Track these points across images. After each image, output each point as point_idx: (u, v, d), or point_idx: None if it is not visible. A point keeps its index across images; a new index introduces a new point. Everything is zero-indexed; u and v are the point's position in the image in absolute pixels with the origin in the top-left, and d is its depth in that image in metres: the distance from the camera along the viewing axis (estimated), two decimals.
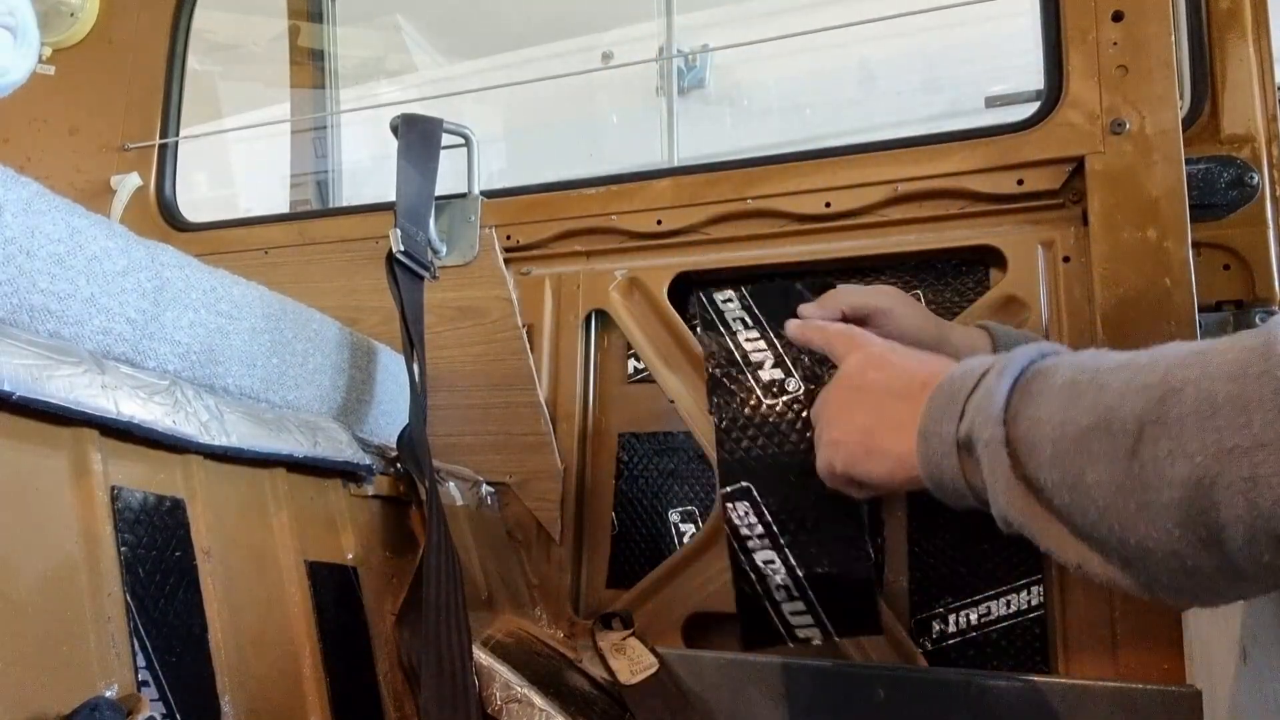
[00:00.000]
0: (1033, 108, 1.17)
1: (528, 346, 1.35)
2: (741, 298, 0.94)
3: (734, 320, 0.92)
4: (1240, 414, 0.44)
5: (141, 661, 0.66)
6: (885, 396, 0.67)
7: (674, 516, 1.33)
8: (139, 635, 0.67)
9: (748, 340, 0.91)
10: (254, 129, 2.43)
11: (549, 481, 1.32)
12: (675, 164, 2.45)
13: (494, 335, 1.36)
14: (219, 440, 0.79)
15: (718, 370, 0.92)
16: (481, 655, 1.00)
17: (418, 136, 1.28)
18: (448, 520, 1.02)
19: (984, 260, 1.21)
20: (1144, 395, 0.49)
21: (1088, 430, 0.50)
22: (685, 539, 1.31)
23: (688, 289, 1.36)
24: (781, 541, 0.84)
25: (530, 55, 2.77)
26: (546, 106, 2.85)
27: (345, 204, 2.15)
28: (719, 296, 0.95)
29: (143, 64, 1.71)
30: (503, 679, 0.99)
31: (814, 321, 0.83)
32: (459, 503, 1.21)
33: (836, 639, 0.87)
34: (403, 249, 1.16)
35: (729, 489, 0.86)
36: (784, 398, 0.87)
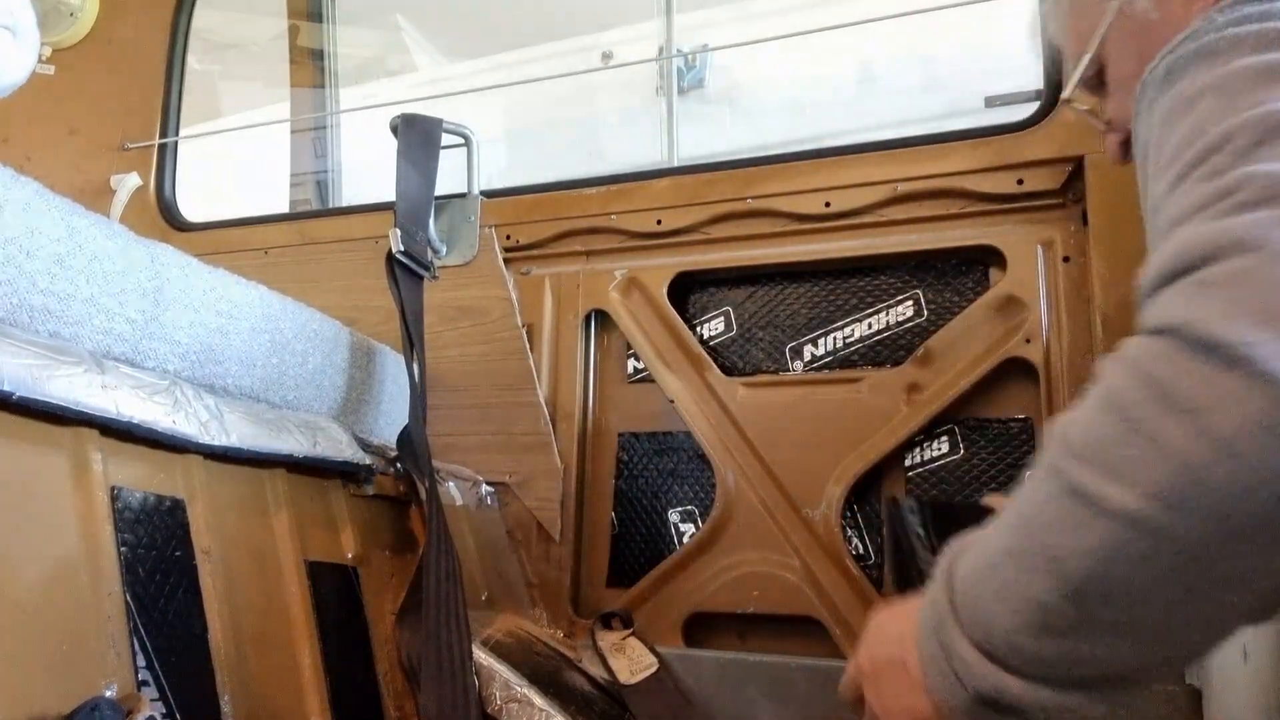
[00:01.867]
0: (1033, 108, 1.17)
1: (528, 346, 1.35)
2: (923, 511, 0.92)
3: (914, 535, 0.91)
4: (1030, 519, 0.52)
5: (141, 661, 0.66)
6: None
7: (674, 516, 1.33)
8: (139, 635, 0.67)
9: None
10: (254, 129, 2.43)
11: (549, 481, 1.32)
12: (675, 164, 2.45)
13: (494, 335, 1.36)
14: (219, 440, 0.79)
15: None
16: (481, 655, 1.00)
17: (417, 136, 1.28)
18: (447, 520, 1.02)
19: (984, 260, 1.21)
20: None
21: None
22: (685, 539, 1.31)
23: (687, 288, 1.36)
24: None
25: (530, 55, 2.77)
26: (546, 106, 2.85)
27: (345, 204, 2.15)
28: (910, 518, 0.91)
29: (143, 64, 1.70)
30: (503, 679, 0.99)
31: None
32: (459, 502, 1.21)
33: None
34: (402, 249, 1.16)
35: None
36: None
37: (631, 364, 1.37)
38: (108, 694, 0.62)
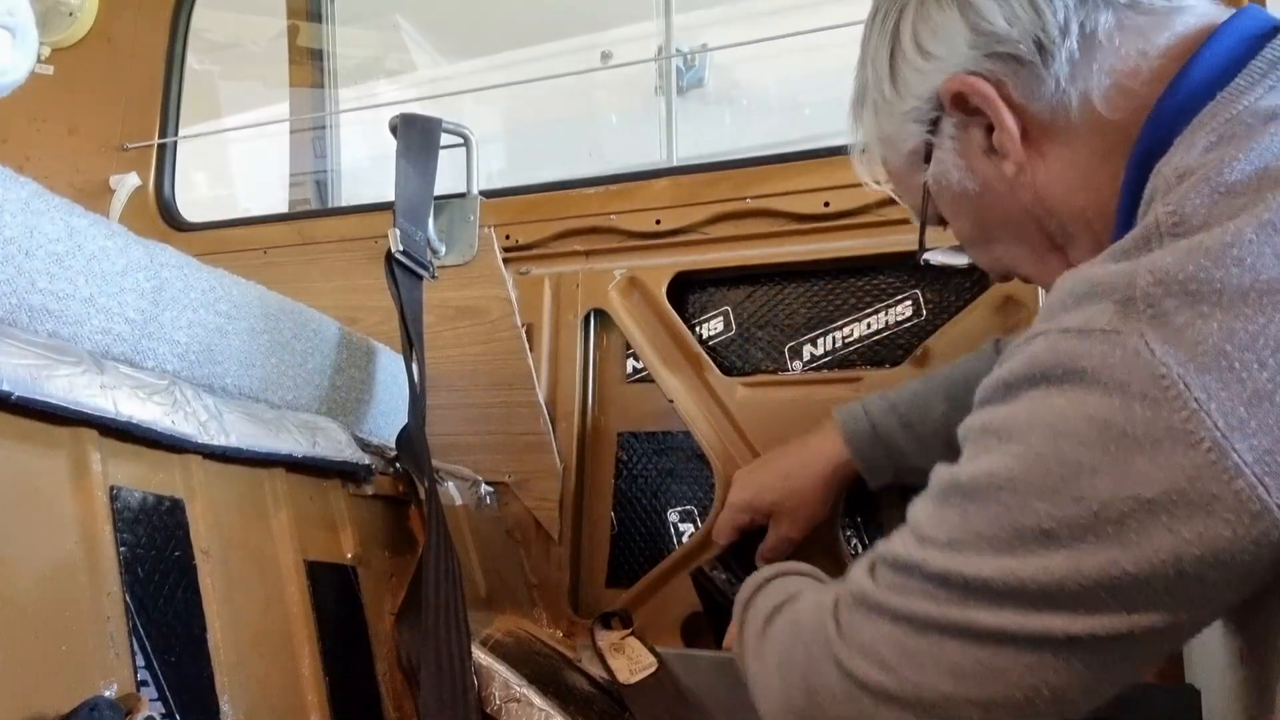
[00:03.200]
0: None
1: (527, 346, 1.35)
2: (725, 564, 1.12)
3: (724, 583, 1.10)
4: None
5: (141, 661, 0.66)
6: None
7: (673, 516, 1.33)
8: (138, 635, 0.67)
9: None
10: (253, 129, 2.42)
11: (548, 481, 1.32)
12: (674, 164, 2.45)
13: (493, 335, 1.36)
14: (218, 440, 0.79)
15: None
16: (481, 655, 1.00)
17: (417, 136, 1.28)
18: (447, 520, 1.02)
19: None
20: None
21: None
22: (684, 538, 1.31)
23: (686, 288, 1.36)
24: None
25: (530, 55, 2.77)
26: (546, 106, 2.84)
27: (344, 204, 2.15)
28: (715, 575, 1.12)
29: (142, 63, 1.70)
30: (502, 678, 0.99)
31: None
32: (458, 502, 1.21)
33: None
34: (402, 249, 1.16)
35: None
36: None
37: (630, 364, 1.37)
38: (107, 694, 0.62)
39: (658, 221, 1.32)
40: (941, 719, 0.57)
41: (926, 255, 0.83)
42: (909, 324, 1.24)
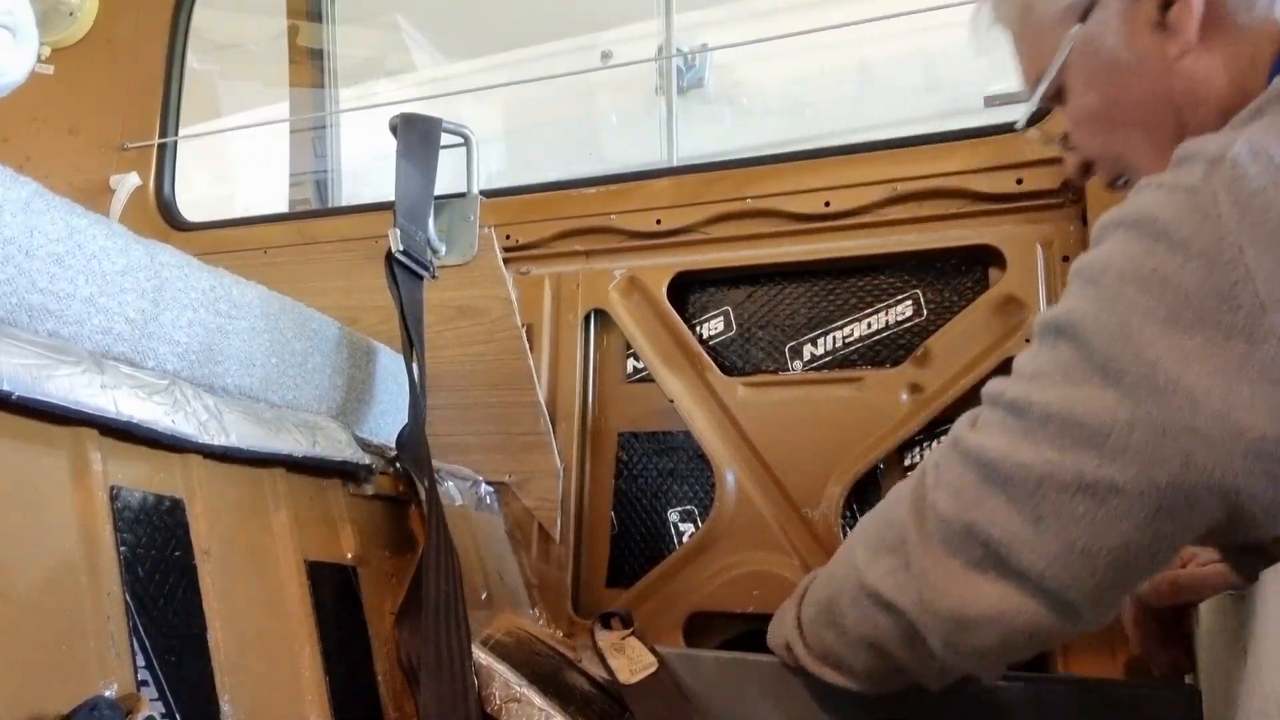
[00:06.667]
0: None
1: (527, 346, 1.35)
2: None
3: None
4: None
5: (141, 661, 0.66)
6: None
7: (673, 516, 1.33)
8: (138, 635, 0.67)
9: None
10: (253, 129, 2.42)
11: (548, 481, 1.32)
12: (674, 164, 2.45)
13: (493, 335, 1.36)
14: (218, 440, 0.79)
15: None
16: (481, 655, 1.00)
17: (417, 136, 1.28)
18: (447, 520, 1.02)
19: (983, 260, 1.21)
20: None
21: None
22: (685, 538, 1.31)
23: (687, 288, 1.36)
24: None
25: (530, 54, 2.77)
26: (546, 106, 2.84)
27: (344, 204, 2.15)
28: None
29: (142, 63, 1.70)
30: (502, 678, 0.99)
31: None
32: (458, 502, 1.21)
33: None
34: (402, 248, 1.16)
35: None
36: None
37: (631, 363, 1.37)
38: (107, 694, 0.61)
39: (658, 221, 1.32)
40: (1006, 553, 0.62)
41: (1022, 130, 0.85)
42: (909, 324, 1.24)
